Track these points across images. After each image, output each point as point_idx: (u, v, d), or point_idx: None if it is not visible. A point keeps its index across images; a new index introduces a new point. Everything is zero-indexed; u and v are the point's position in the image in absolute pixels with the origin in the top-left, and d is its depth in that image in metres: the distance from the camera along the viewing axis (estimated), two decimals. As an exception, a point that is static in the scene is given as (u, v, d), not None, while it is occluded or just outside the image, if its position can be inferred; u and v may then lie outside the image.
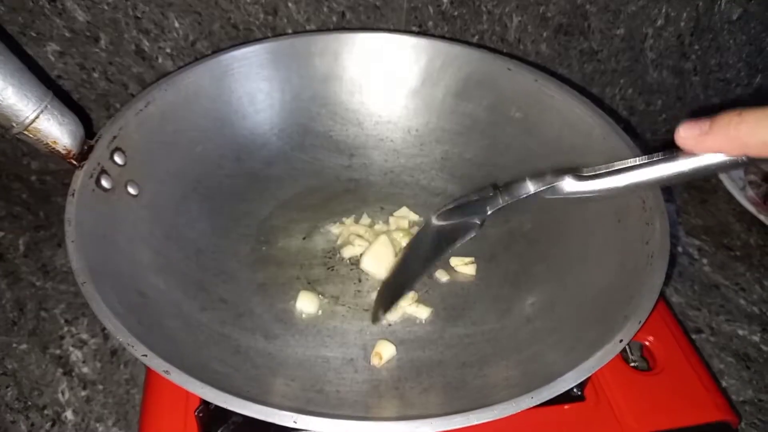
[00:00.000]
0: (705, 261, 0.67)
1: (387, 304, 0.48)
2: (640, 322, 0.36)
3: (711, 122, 0.32)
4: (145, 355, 0.33)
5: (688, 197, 0.74)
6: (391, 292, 0.48)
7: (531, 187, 0.42)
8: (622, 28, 0.70)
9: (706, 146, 0.33)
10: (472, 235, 0.46)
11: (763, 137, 0.30)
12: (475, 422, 0.31)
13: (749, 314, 0.61)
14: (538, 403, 0.32)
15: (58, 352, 0.54)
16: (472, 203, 0.47)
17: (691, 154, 0.34)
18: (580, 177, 0.40)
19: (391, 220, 0.57)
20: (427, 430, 0.31)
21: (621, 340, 0.35)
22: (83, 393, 0.52)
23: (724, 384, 0.55)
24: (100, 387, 0.52)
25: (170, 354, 0.35)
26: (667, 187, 0.74)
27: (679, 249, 0.68)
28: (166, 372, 0.33)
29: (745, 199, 0.70)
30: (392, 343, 0.46)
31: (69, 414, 0.50)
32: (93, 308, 0.36)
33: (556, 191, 0.41)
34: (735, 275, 0.65)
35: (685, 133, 0.33)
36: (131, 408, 0.51)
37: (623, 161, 0.38)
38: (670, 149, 0.35)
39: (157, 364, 0.33)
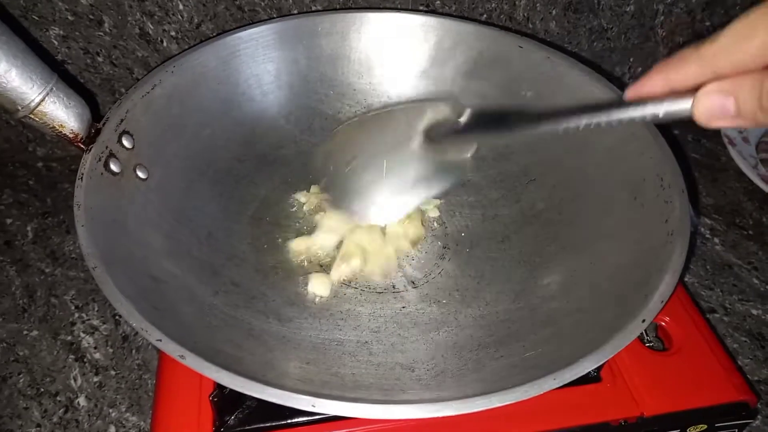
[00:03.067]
0: (717, 240, 0.66)
1: None
2: (662, 301, 0.36)
3: None
4: (160, 340, 0.33)
5: (699, 176, 0.73)
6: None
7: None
8: (633, 4, 0.69)
9: None
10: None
11: None
12: (498, 404, 0.31)
13: (762, 293, 0.61)
14: (561, 384, 0.32)
15: (69, 338, 0.54)
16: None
17: None
18: None
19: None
20: (449, 413, 0.31)
21: (644, 320, 0.35)
22: (95, 379, 0.51)
23: (738, 364, 0.55)
24: (113, 372, 0.52)
25: (184, 339, 0.34)
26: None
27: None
28: (182, 357, 0.32)
29: (757, 177, 0.69)
30: None
31: (82, 400, 0.50)
32: (105, 293, 0.36)
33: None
34: (747, 254, 0.65)
35: (706, 109, 0.28)
36: (144, 393, 0.51)
37: None
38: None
39: (172, 348, 0.33)
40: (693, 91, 0.28)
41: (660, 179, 0.44)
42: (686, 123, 0.30)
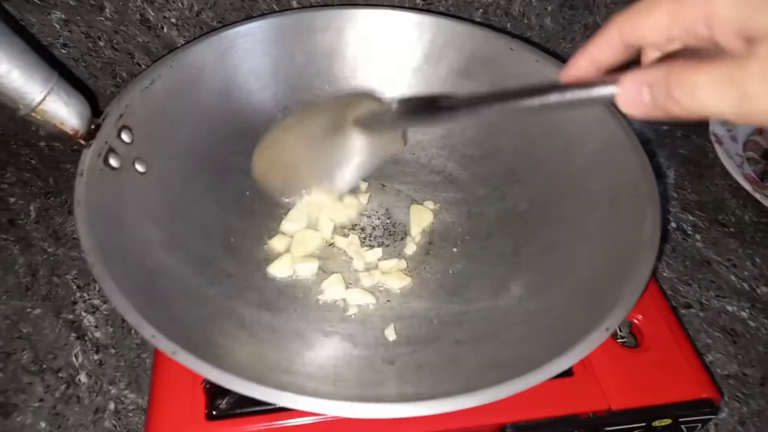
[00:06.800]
0: (698, 237, 0.67)
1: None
2: (626, 310, 0.38)
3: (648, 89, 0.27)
4: (154, 336, 0.36)
5: (685, 172, 0.74)
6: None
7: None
8: (627, 2, 0.69)
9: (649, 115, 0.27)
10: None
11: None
12: (466, 406, 0.33)
13: (739, 290, 0.62)
14: (527, 387, 0.34)
15: (71, 317, 0.56)
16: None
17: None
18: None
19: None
20: (423, 412, 0.33)
21: (607, 329, 0.37)
22: (96, 357, 0.54)
23: (710, 358, 0.57)
24: (112, 351, 0.54)
25: (177, 332, 0.37)
26: (664, 159, 0.75)
27: (673, 225, 0.68)
28: (173, 353, 0.35)
29: (741, 176, 0.70)
30: None
31: (83, 377, 0.52)
32: (103, 289, 0.38)
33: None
34: (727, 251, 0.66)
35: (625, 98, 0.28)
36: (142, 372, 0.53)
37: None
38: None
39: (165, 345, 0.35)
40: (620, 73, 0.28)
41: (636, 189, 0.46)
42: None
